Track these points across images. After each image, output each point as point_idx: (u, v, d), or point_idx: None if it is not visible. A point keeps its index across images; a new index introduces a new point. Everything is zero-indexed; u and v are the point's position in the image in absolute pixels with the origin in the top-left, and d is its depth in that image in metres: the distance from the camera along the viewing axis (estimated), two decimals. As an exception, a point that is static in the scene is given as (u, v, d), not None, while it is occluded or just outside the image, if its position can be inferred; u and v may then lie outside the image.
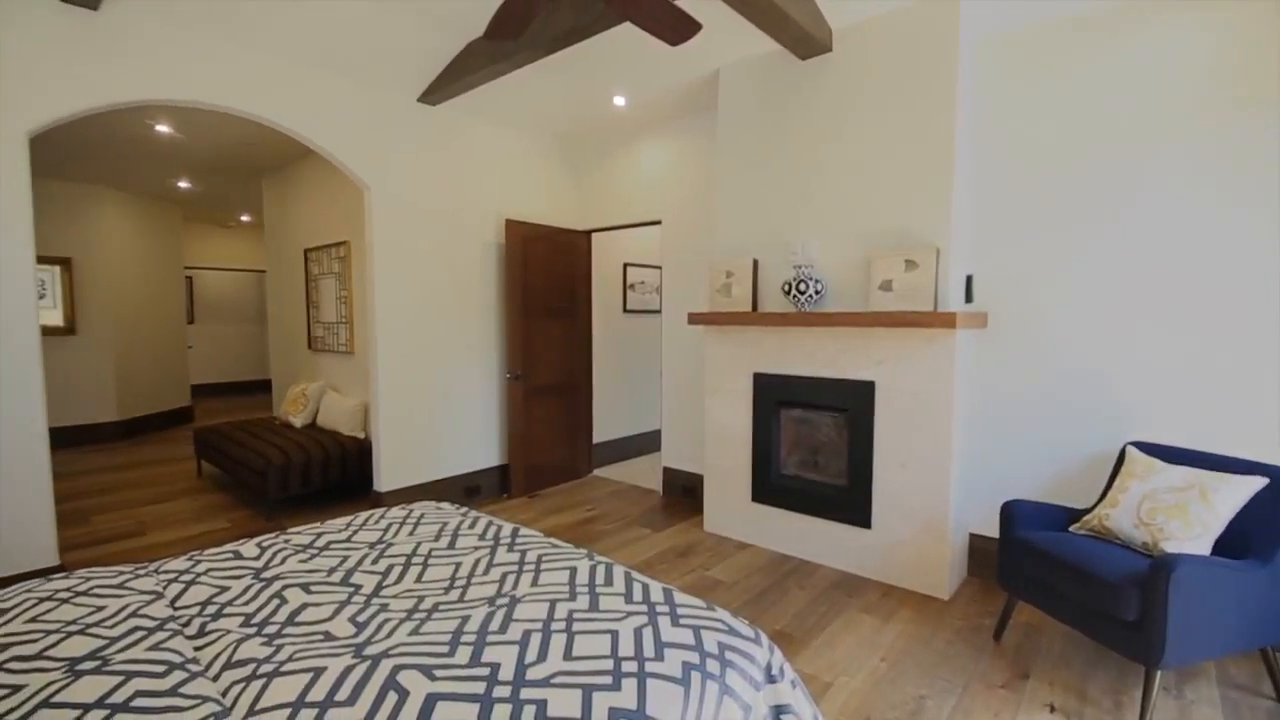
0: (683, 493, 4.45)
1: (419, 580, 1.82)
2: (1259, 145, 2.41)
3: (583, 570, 1.81)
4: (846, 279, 3.19)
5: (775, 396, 3.42)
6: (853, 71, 3.11)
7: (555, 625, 1.48)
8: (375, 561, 1.94)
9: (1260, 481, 2.12)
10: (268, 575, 1.82)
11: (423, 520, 2.29)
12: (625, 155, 4.76)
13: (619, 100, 4.08)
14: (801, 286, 3.16)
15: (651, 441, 5.84)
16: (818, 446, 3.42)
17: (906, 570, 3.01)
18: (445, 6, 3.11)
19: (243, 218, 8.86)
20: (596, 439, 5.31)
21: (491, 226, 4.55)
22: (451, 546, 2.05)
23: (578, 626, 1.48)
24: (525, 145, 4.76)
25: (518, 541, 2.07)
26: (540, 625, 1.48)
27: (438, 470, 4.29)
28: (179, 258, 7.59)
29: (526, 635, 1.43)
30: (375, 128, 3.84)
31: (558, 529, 3.87)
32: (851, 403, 3.13)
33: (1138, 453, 2.47)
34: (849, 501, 3.17)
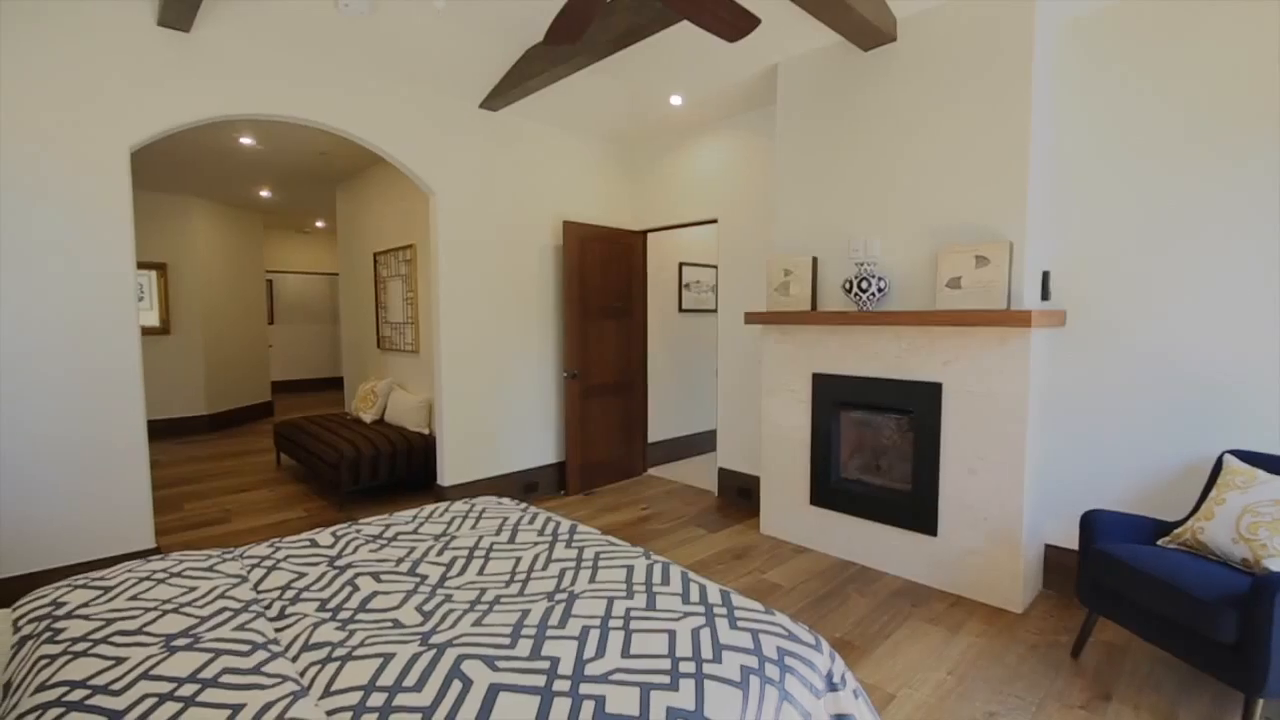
0: (738, 494, 4.40)
1: (481, 573, 1.87)
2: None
3: (640, 569, 1.82)
4: (911, 276, 3.08)
5: (835, 397, 3.34)
6: (919, 60, 3.00)
7: (613, 622, 1.49)
8: (440, 553, 2.00)
9: (1385, 496, 1.92)
10: (341, 563, 1.91)
11: (484, 515, 2.35)
12: (680, 154, 4.75)
13: (675, 99, 4.08)
14: (864, 284, 3.07)
15: (706, 441, 5.81)
16: (880, 449, 3.32)
17: (976, 581, 2.88)
18: (506, 15, 3.18)
19: (317, 224, 9.34)
20: (651, 438, 5.32)
21: (549, 228, 4.63)
22: (512, 541, 2.10)
23: (635, 625, 1.48)
24: (582, 147, 4.82)
25: (575, 538, 2.10)
26: (598, 622, 1.49)
27: (498, 466, 4.40)
28: (260, 262, 8.07)
29: (585, 631, 1.45)
30: (439, 135, 3.97)
31: (613, 527, 3.90)
32: (916, 405, 3.01)
33: (1237, 462, 2.28)
34: (913, 507, 3.06)
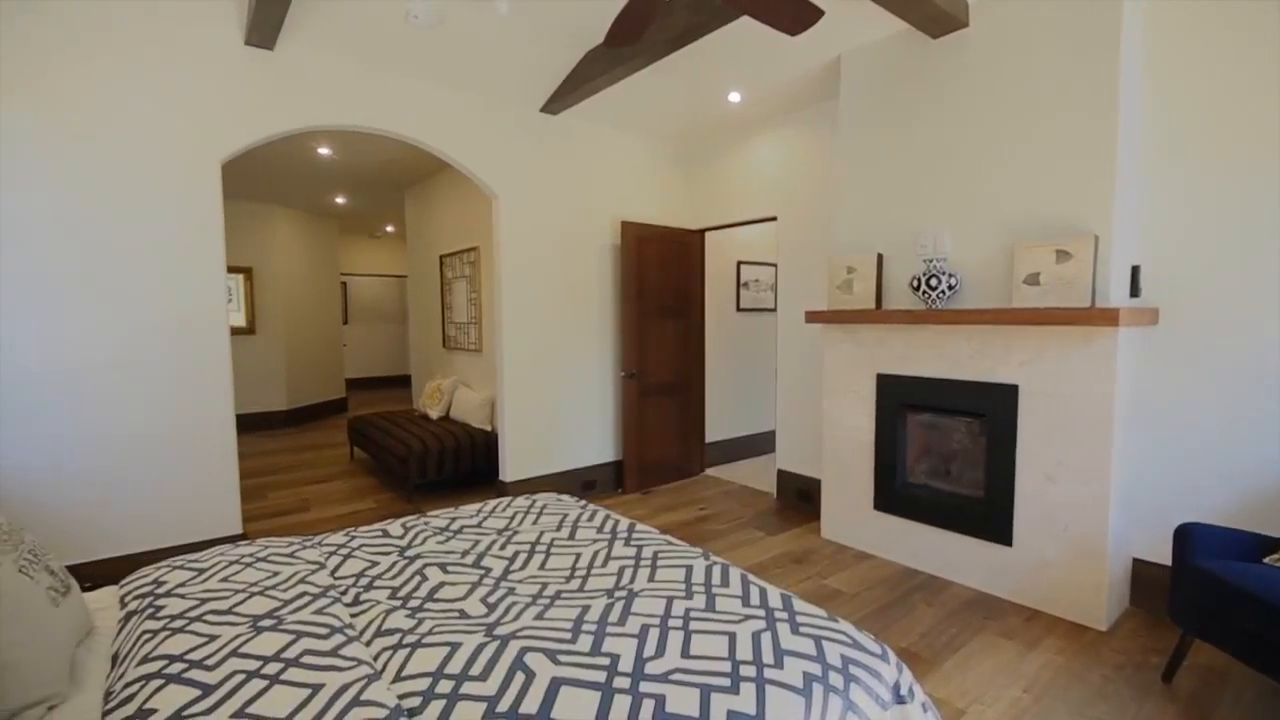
0: (798, 497, 4.32)
1: (542, 568, 1.91)
2: None
3: (698, 569, 1.81)
4: (984, 273, 2.94)
5: (901, 399, 3.22)
6: (994, 46, 2.85)
7: (672, 622, 1.49)
8: (503, 547, 2.05)
9: None
10: (410, 554, 1.99)
11: (545, 511, 2.39)
12: (739, 151, 4.69)
13: (734, 96, 4.04)
14: (932, 282, 2.95)
15: (765, 442, 5.72)
16: (950, 454, 3.18)
17: (1054, 594, 2.72)
18: (566, 20, 3.23)
19: (387, 228, 9.76)
20: (709, 438, 5.29)
21: (608, 228, 4.68)
22: (572, 537, 2.13)
23: (694, 625, 1.48)
24: (640, 147, 4.84)
25: (634, 537, 2.11)
26: (658, 621, 1.50)
27: (557, 463, 4.48)
28: (336, 266, 8.51)
29: (644, 630, 1.45)
30: (503, 139, 4.07)
31: (670, 526, 3.90)
32: (990, 407, 2.87)
33: (1363, 475, 2.06)
34: (986, 515, 2.92)
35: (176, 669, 1.26)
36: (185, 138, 3.04)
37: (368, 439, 5.07)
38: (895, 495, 3.29)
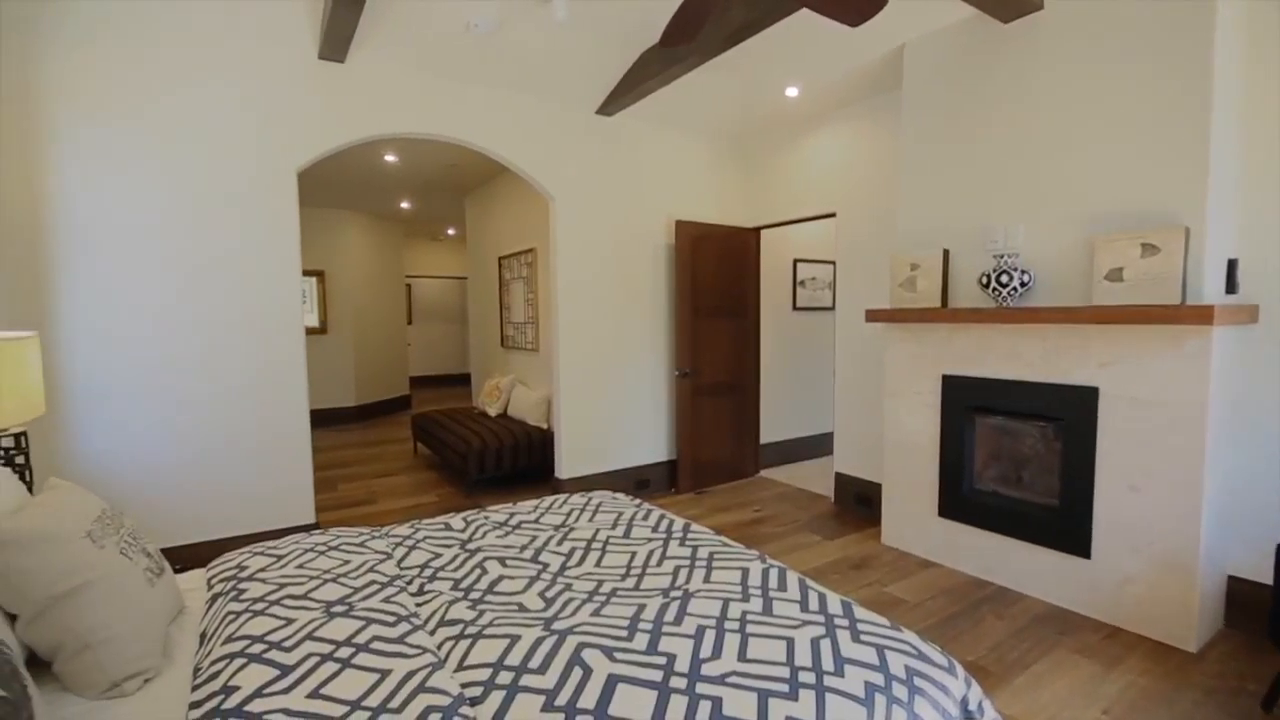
0: (857, 501, 4.20)
1: (598, 565, 1.93)
2: None
3: (755, 572, 1.79)
4: (1060, 268, 2.78)
5: (969, 401, 3.09)
6: (1072, 28, 2.69)
7: (729, 624, 1.48)
8: (559, 543, 2.09)
9: None
10: (471, 547, 2.05)
11: (600, 509, 2.42)
12: (796, 147, 4.60)
13: (791, 90, 3.96)
14: (1003, 278, 2.82)
15: (822, 445, 5.59)
16: (1021, 459, 3.03)
17: (1138, 611, 2.54)
18: (622, 21, 3.25)
19: (449, 231, 10.08)
20: (764, 439, 5.22)
21: (662, 228, 4.68)
22: (627, 536, 2.14)
23: (751, 629, 1.46)
24: (694, 146, 4.81)
25: (689, 537, 2.11)
26: (714, 622, 1.49)
27: (611, 462, 4.52)
28: (401, 268, 8.85)
29: (700, 630, 1.44)
30: (558, 142, 4.14)
31: (725, 527, 3.86)
32: (1066, 411, 2.72)
33: None
34: (1062, 525, 2.77)
35: (257, 649, 1.33)
36: (264, 149, 3.23)
37: (430, 435, 5.25)
38: (962, 501, 3.16)
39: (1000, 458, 3.11)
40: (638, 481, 4.62)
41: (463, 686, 1.27)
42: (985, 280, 2.89)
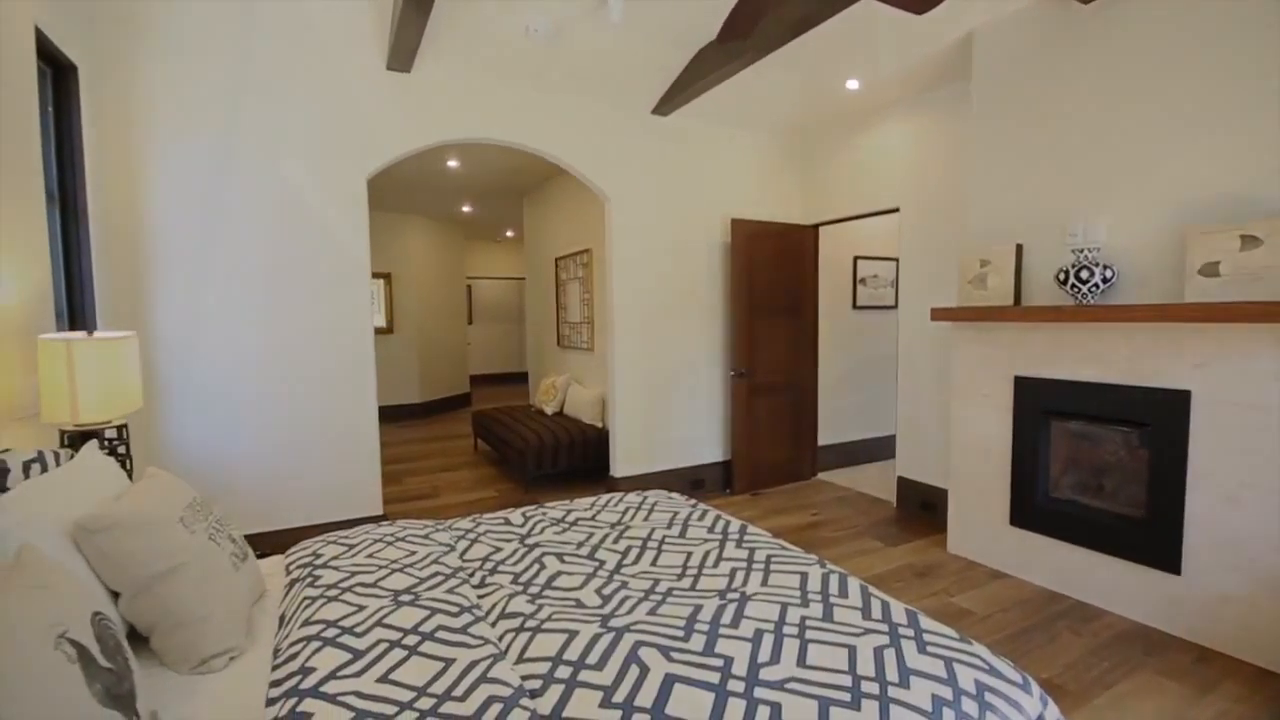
0: (920, 507, 4.05)
1: (654, 564, 1.93)
2: None
3: (814, 577, 1.75)
4: (1146, 263, 2.60)
5: (1044, 405, 2.93)
6: (1160, 5, 2.51)
7: (787, 629, 1.45)
8: (616, 541, 2.10)
9: None
10: (530, 542, 2.09)
11: (656, 508, 2.42)
12: (856, 142, 4.48)
13: (852, 84, 3.86)
14: (1083, 274, 2.66)
15: (883, 448, 5.42)
16: (1102, 467, 2.85)
17: (1235, 633, 2.35)
18: (677, 21, 3.24)
19: (508, 233, 10.32)
20: (821, 441, 5.10)
21: (717, 227, 4.64)
22: (682, 536, 2.13)
23: (811, 635, 1.43)
24: (750, 144, 4.76)
25: (745, 539, 2.08)
26: (772, 626, 1.46)
27: (666, 461, 4.52)
28: (462, 269, 9.13)
29: (758, 634, 1.43)
30: (614, 144, 4.17)
31: (781, 530, 3.80)
32: (1154, 416, 2.54)
33: None
34: (1148, 538, 2.59)
35: (331, 634, 1.40)
36: (337, 158, 3.39)
37: (489, 432, 5.39)
38: (1035, 510, 3.00)
39: (1078, 465, 2.94)
40: (692, 481, 4.60)
41: (523, 678, 1.30)
42: (1063, 276, 2.74)
